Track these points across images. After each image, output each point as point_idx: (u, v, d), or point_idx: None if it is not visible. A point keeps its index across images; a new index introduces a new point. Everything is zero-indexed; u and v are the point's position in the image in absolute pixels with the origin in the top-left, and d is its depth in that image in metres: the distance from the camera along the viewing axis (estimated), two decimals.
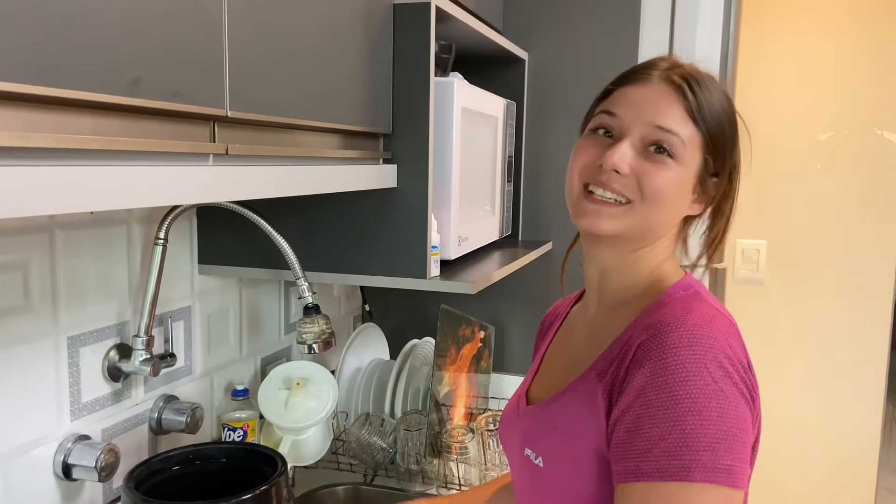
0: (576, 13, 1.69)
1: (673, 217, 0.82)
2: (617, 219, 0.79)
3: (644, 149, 0.78)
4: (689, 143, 0.78)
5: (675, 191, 0.79)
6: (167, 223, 1.11)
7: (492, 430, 1.36)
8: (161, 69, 0.64)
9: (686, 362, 0.68)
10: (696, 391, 0.67)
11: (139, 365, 1.11)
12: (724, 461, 0.66)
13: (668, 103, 0.78)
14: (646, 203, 0.78)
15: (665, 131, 0.77)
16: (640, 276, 0.83)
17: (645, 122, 0.78)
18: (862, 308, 2.29)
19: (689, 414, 0.67)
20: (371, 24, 1.07)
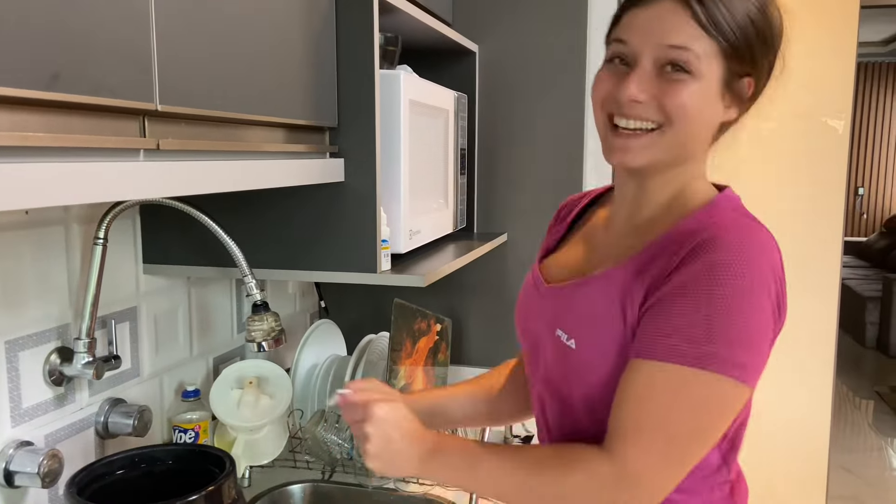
0: (524, 5, 1.69)
1: (707, 129, 0.82)
2: (648, 148, 0.79)
3: (660, 70, 0.77)
4: (705, 55, 0.76)
5: (699, 104, 0.78)
6: (106, 222, 1.08)
7: None
8: (82, 62, 0.62)
9: (728, 266, 0.71)
10: (731, 293, 0.71)
11: (81, 368, 1.08)
12: (739, 358, 0.71)
13: (676, 19, 0.76)
14: (674, 123, 0.78)
15: (676, 48, 0.76)
16: (675, 191, 0.84)
17: (655, 44, 0.77)
18: (810, 291, 2.35)
19: (719, 312, 0.70)
20: (313, 15, 1.06)
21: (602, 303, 0.80)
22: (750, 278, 0.72)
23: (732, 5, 0.77)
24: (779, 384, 2.41)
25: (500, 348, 1.81)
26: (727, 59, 0.78)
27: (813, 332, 2.37)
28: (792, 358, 2.39)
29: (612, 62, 0.81)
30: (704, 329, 0.70)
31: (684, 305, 0.72)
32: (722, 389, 0.72)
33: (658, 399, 0.72)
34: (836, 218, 2.31)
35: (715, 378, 0.71)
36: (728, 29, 0.76)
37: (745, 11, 0.77)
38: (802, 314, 2.36)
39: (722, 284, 0.71)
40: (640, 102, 0.77)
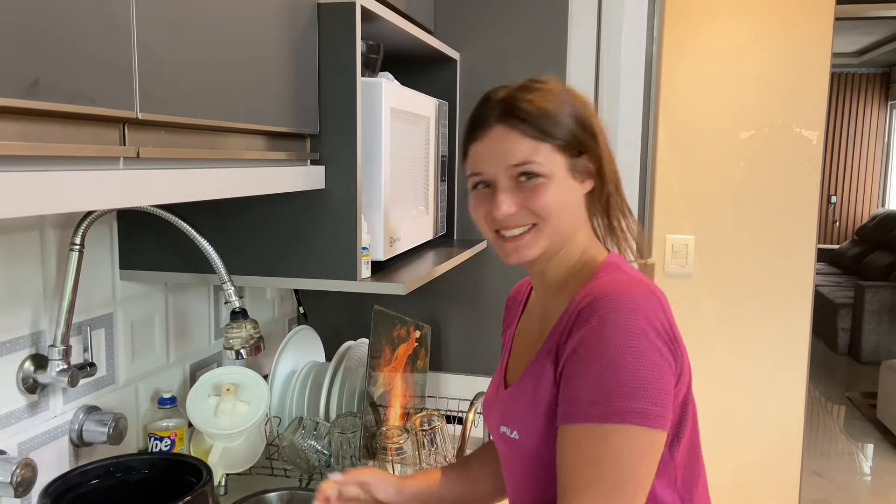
0: (506, 14, 1.70)
1: (574, 210, 0.92)
2: (533, 244, 0.90)
3: (517, 181, 0.89)
4: (545, 158, 0.88)
5: (559, 197, 0.89)
6: (83, 228, 1.07)
7: (426, 430, 1.36)
8: (62, 70, 0.62)
9: (609, 325, 0.80)
10: (614, 348, 0.79)
11: (56, 376, 1.07)
12: (636, 405, 0.78)
13: (510, 141, 0.88)
14: (545, 219, 0.89)
15: (520, 165, 0.88)
16: (571, 263, 0.94)
17: (503, 168, 0.89)
18: (784, 298, 2.39)
19: (608, 369, 0.78)
20: (295, 23, 1.06)
21: (531, 393, 0.89)
22: (628, 333, 0.79)
23: (549, 106, 0.88)
24: (753, 389, 2.44)
25: (479, 355, 1.82)
26: (562, 151, 0.89)
27: (787, 338, 2.40)
28: (766, 364, 2.42)
29: (477, 188, 0.93)
30: (599, 388, 0.79)
31: (580, 370, 0.81)
32: (632, 438, 0.78)
33: (584, 458, 0.80)
34: (809, 226, 2.36)
35: (622, 429, 0.78)
36: (555, 128, 0.88)
37: (562, 112, 0.89)
38: (777, 321, 2.40)
39: (604, 343, 0.79)
40: (514, 215, 0.89)
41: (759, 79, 2.31)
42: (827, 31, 2.27)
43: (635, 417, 0.78)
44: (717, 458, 2.49)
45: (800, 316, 2.39)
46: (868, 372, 5.08)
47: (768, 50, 2.30)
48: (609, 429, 0.78)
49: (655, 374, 0.79)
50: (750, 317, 2.41)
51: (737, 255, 2.40)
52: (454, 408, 1.71)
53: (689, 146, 2.36)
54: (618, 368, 0.78)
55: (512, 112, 0.88)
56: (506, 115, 0.89)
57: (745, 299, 2.41)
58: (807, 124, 2.31)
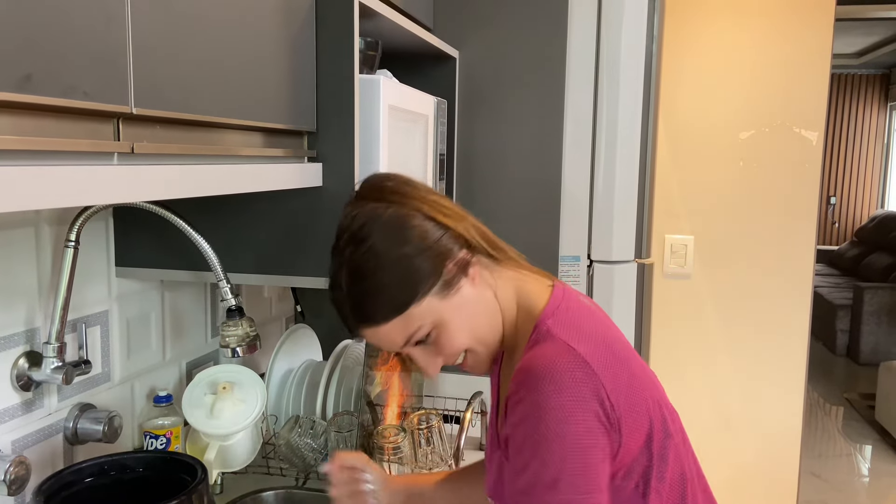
0: (505, 12, 1.70)
1: (482, 309, 0.88)
2: (480, 363, 0.90)
3: (420, 345, 0.86)
4: (417, 317, 0.83)
5: (461, 326, 0.85)
6: (78, 225, 1.06)
7: (423, 429, 1.36)
8: (55, 64, 0.61)
9: (532, 413, 0.78)
10: (538, 438, 0.77)
11: (50, 373, 1.06)
12: (564, 495, 0.76)
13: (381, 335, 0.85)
14: (470, 349, 0.88)
15: (405, 343, 0.85)
16: (514, 326, 0.91)
17: (397, 349, 0.86)
18: (784, 298, 2.39)
19: (533, 458, 0.77)
20: (293, 19, 1.05)
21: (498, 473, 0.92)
22: (553, 418, 0.76)
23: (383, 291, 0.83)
24: (752, 390, 2.44)
25: None
26: (422, 297, 0.83)
27: (786, 339, 2.40)
28: (764, 364, 2.42)
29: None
30: (528, 477, 0.77)
31: (512, 459, 0.81)
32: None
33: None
34: (809, 227, 2.35)
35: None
36: (400, 300, 0.83)
37: (391, 280, 0.83)
38: (776, 321, 2.40)
39: (528, 433, 0.78)
40: (441, 365, 0.88)
41: (759, 79, 2.30)
42: (827, 31, 2.26)
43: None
44: (716, 458, 2.49)
45: (799, 317, 2.39)
46: (866, 373, 5.08)
47: (768, 50, 2.29)
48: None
49: (584, 458, 0.77)
50: (749, 317, 2.41)
51: (736, 256, 2.39)
52: (451, 407, 1.70)
53: (689, 146, 2.35)
54: (544, 458, 0.76)
55: (357, 315, 0.85)
56: (361, 322, 0.85)
57: (744, 300, 2.40)
58: (807, 125, 2.31)
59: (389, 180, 0.89)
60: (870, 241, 6.54)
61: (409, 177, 0.91)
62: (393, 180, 0.89)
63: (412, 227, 0.84)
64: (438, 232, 0.85)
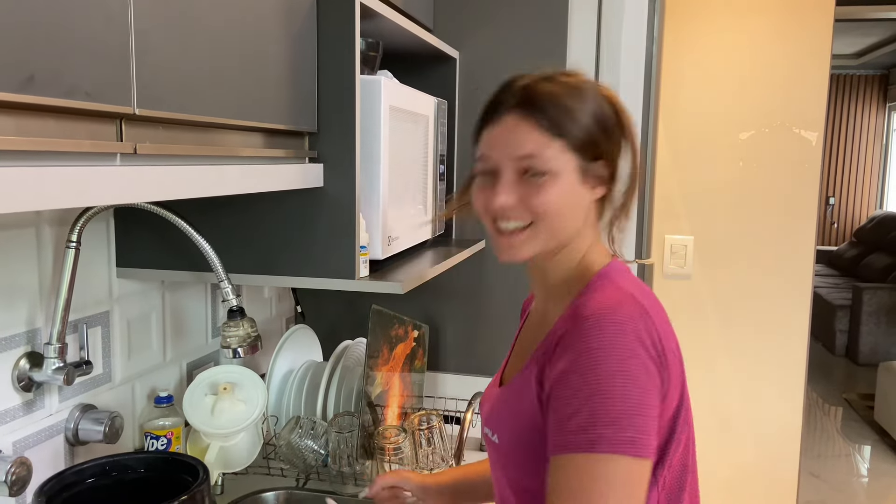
0: (505, 12, 1.70)
1: (576, 213, 0.88)
2: (527, 243, 0.87)
3: (521, 176, 0.86)
4: (555, 155, 0.84)
5: (560, 198, 0.86)
6: (80, 225, 1.06)
7: (424, 430, 1.36)
8: (58, 64, 0.61)
9: (595, 349, 0.77)
10: (602, 373, 0.76)
11: (52, 374, 1.06)
12: (626, 433, 0.75)
13: (522, 131, 0.85)
14: (543, 219, 0.86)
15: (526, 157, 0.85)
16: (570, 270, 0.91)
17: (509, 158, 0.86)
18: (783, 299, 2.39)
19: (595, 394, 0.75)
20: (294, 20, 1.05)
21: (516, 399, 0.88)
22: (614, 356, 0.76)
23: (571, 104, 0.85)
24: (751, 390, 2.44)
25: (477, 354, 1.82)
26: (576, 151, 0.86)
27: (785, 339, 2.40)
28: (764, 365, 2.42)
29: (483, 175, 0.90)
30: (587, 415, 0.76)
31: (566, 396, 0.78)
32: (619, 467, 0.75)
33: (572, 489, 0.77)
34: (808, 227, 2.35)
35: (610, 458, 0.75)
36: (572, 126, 0.85)
37: (583, 110, 0.86)
38: (775, 322, 2.40)
39: (590, 369, 0.77)
40: (511, 207, 0.86)
41: (759, 79, 2.31)
42: (826, 32, 2.27)
43: (625, 447, 0.75)
44: (715, 458, 2.49)
45: (798, 317, 2.39)
46: (865, 373, 5.09)
47: (768, 51, 2.30)
48: (598, 458, 0.75)
49: (645, 399, 0.77)
50: (748, 318, 2.41)
51: (735, 256, 2.39)
52: (452, 408, 1.70)
53: (689, 146, 2.35)
54: (606, 394, 0.75)
55: (529, 101, 0.85)
56: (522, 104, 0.86)
57: (744, 300, 2.40)
58: (806, 125, 2.31)
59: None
60: (869, 242, 6.55)
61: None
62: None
63: (616, 109, 0.89)
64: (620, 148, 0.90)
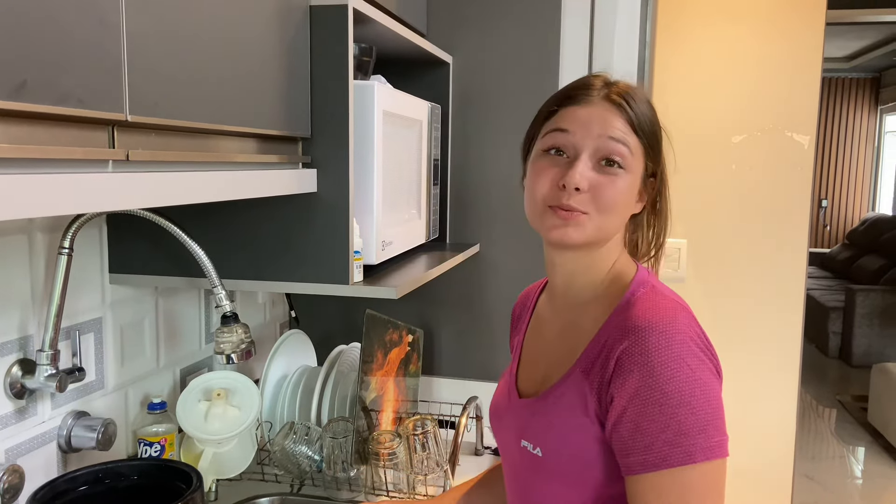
0: (499, 17, 1.70)
1: (623, 218, 0.90)
2: (583, 228, 0.86)
3: (597, 163, 0.86)
4: (635, 152, 0.86)
5: (624, 198, 0.87)
6: (72, 231, 1.06)
7: (418, 434, 1.35)
8: (50, 72, 0.61)
9: (668, 361, 0.77)
10: (681, 385, 0.77)
11: (44, 381, 1.06)
12: (715, 438, 0.77)
13: (612, 117, 0.86)
14: (603, 213, 0.86)
15: (616, 141, 0.85)
16: (601, 274, 0.91)
17: (597, 135, 0.85)
18: (776, 301, 2.39)
19: (679, 406, 0.76)
20: (287, 26, 1.05)
21: (563, 415, 0.87)
22: (687, 365, 0.78)
23: (646, 109, 0.89)
24: (745, 393, 2.44)
25: (472, 359, 1.81)
26: (647, 157, 0.88)
27: (779, 341, 2.41)
28: (758, 367, 2.43)
29: (549, 153, 0.88)
30: (675, 428, 0.76)
31: (648, 414, 0.77)
32: (716, 472, 0.77)
33: (671, 502, 0.77)
34: (801, 230, 2.36)
35: (707, 466, 0.76)
36: (648, 130, 0.88)
37: (651, 115, 0.89)
38: (769, 324, 2.40)
39: (668, 382, 0.77)
40: (581, 191, 0.85)
41: (751, 83, 2.32)
42: (818, 35, 2.28)
43: (716, 451, 0.77)
44: None
45: (792, 319, 2.40)
46: (859, 375, 5.11)
47: (760, 54, 2.31)
48: (693, 469, 0.76)
49: (718, 401, 0.79)
50: (742, 320, 2.41)
51: (729, 259, 2.40)
52: (447, 412, 1.70)
53: (682, 150, 2.34)
54: (690, 405, 0.76)
55: (625, 96, 0.87)
56: (616, 97, 0.87)
57: (737, 303, 2.41)
58: (798, 128, 2.32)
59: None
60: (861, 244, 6.58)
61: None
62: None
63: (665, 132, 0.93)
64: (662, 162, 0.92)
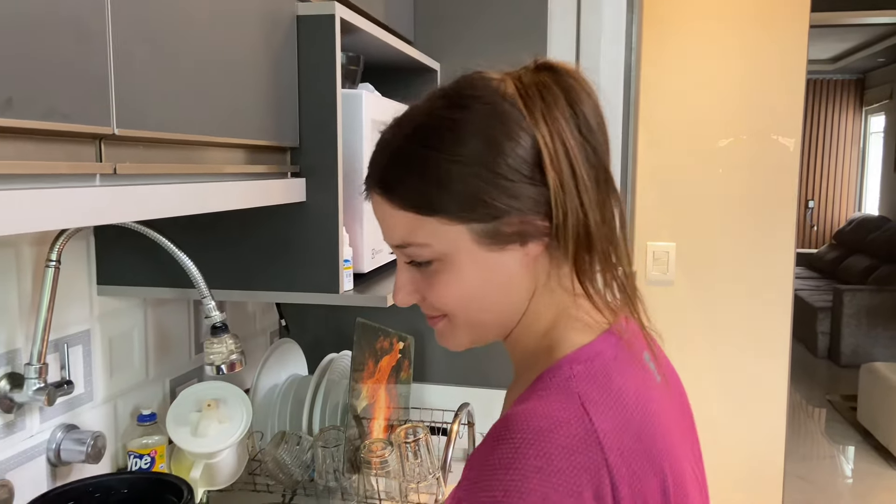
0: (486, 24, 1.71)
1: (502, 290, 0.67)
2: (453, 334, 0.70)
3: (414, 266, 0.69)
4: (431, 235, 0.65)
5: (462, 286, 0.66)
6: (59, 244, 1.05)
7: (409, 442, 1.35)
8: (35, 87, 0.61)
9: (495, 488, 0.56)
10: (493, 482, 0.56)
11: (32, 394, 1.05)
12: None
13: (385, 213, 0.68)
14: (453, 314, 0.69)
15: (400, 247, 0.68)
16: (531, 345, 0.70)
17: (390, 245, 0.70)
18: (765, 303, 2.41)
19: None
20: (274, 36, 1.05)
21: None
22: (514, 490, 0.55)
23: (433, 170, 0.64)
24: (735, 394, 2.46)
25: (463, 365, 1.81)
26: (462, 219, 0.64)
27: (767, 342, 2.42)
28: (747, 368, 2.44)
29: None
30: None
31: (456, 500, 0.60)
32: None
33: None
34: (787, 231, 2.38)
35: None
36: (439, 200, 0.64)
37: (456, 164, 0.63)
38: (757, 325, 2.42)
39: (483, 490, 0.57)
40: (415, 302, 0.70)
41: (736, 87, 2.34)
42: (802, 38, 2.30)
43: None
44: None
45: (780, 320, 2.41)
46: (848, 375, 5.14)
47: (745, 58, 2.33)
48: None
49: None
50: (731, 322, 2.43)
51: (717, 262, 2.42)
52: (439, 419, 1.70)
53: (669, 155, 2.37)
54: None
55: (381, 178, 0.67)
56: (376, 182, 0.68)
57: (726, 305, 2.43)
58: (783, 131, 2.34)
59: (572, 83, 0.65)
60: (848, 244, 6.63)
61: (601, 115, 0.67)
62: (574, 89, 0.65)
63: (514, 144, 0.62)
64: (534, 179, 0.63)
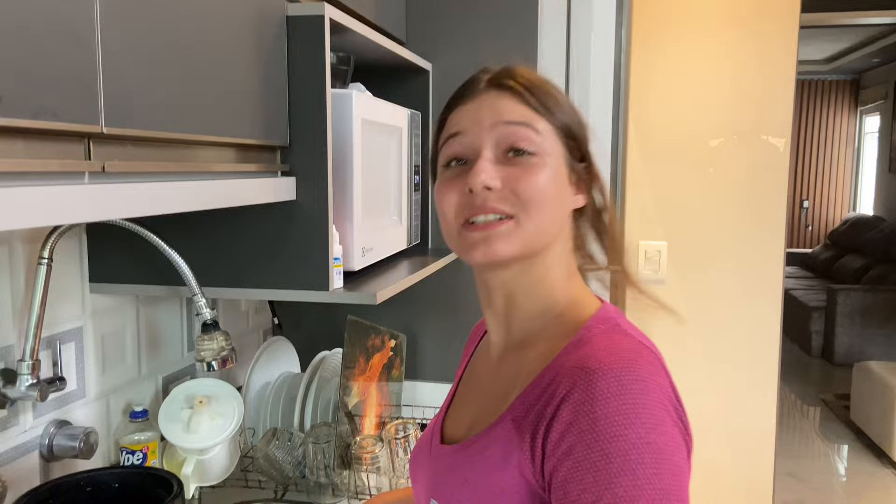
0: (477, 25, 1.72)
1: (560, 215, 0.75)
2: (508, 237, 0.71)
3: (504, 156, 0.73)
4: (545, 132, 0.73)
5: (552, 186, 0.73)
6: (51, 241, 1.06)
7: (400, 438, 1.37)
8: (24, 86, 0.62)
9: (616, 415, 0.61)
10: (628, 447, 0.60)
11: (25, 390, 1.06)
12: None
13: (504, 101, 0.74)
14: (530, 210, 0.71)
15: (515, 123, 0.72)
16: (548, 299, 0.76)
17: (491, 126, 0.73)
18: (755, 301, 2.43)
19: (621, 474, 0.60)
20: (264, 36, 1.06)
21: (482, 468, 0.71)
22: (640, 422, 0.61)
23: (550, 90, 0.77)
24: (725, 393, 2.47)
25: (454, 363, 1.83)
26: (562, 139, 0.75)
27: (758, 341, 2.44)
28: (738, 367, 2.46)
29: (449, 166, 0.76)
30: (611, 501, 0.59)
31: (580, 479, 0.61)
32: None
33: None
34: (777, 231, 2.40)
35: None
36: (555, 108, 0.75)
37: (563, 98, 0.78)
38: (748, 324, 2.44)
39: (612, 441, 0.61)
40: (494, 189, 0.71)
41: (727, 87, 2.35)
42: (792, 38, 2.32)
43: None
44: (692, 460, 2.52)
45: (770, 319, 2.43)
46: (841, 374, 5.16)
47: (735, 58, 2.34)
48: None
49: (678, 477, 0.62)
50: (722, 321, 2.45)
51: (708, 261, 2.43)
52: (429, 416, 1.71)
53: (660, 154, 2.39)
54: (635, 474, 0.59)
55: (509, 78, 0.75)
56: (500, 82, 0.75)
57: (717, 304, 2.44)
58: (774, 132, 2.36)
59: None
60: (842, 244, 6.66)
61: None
62: None
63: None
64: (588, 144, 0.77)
